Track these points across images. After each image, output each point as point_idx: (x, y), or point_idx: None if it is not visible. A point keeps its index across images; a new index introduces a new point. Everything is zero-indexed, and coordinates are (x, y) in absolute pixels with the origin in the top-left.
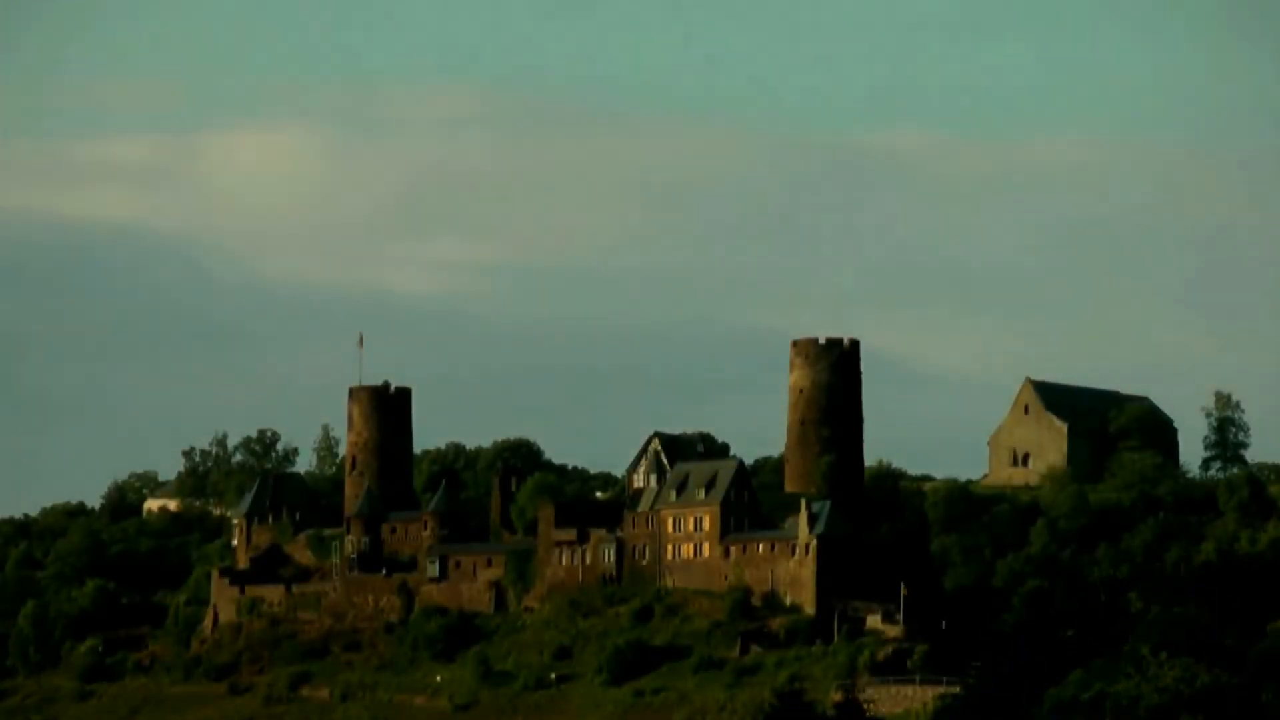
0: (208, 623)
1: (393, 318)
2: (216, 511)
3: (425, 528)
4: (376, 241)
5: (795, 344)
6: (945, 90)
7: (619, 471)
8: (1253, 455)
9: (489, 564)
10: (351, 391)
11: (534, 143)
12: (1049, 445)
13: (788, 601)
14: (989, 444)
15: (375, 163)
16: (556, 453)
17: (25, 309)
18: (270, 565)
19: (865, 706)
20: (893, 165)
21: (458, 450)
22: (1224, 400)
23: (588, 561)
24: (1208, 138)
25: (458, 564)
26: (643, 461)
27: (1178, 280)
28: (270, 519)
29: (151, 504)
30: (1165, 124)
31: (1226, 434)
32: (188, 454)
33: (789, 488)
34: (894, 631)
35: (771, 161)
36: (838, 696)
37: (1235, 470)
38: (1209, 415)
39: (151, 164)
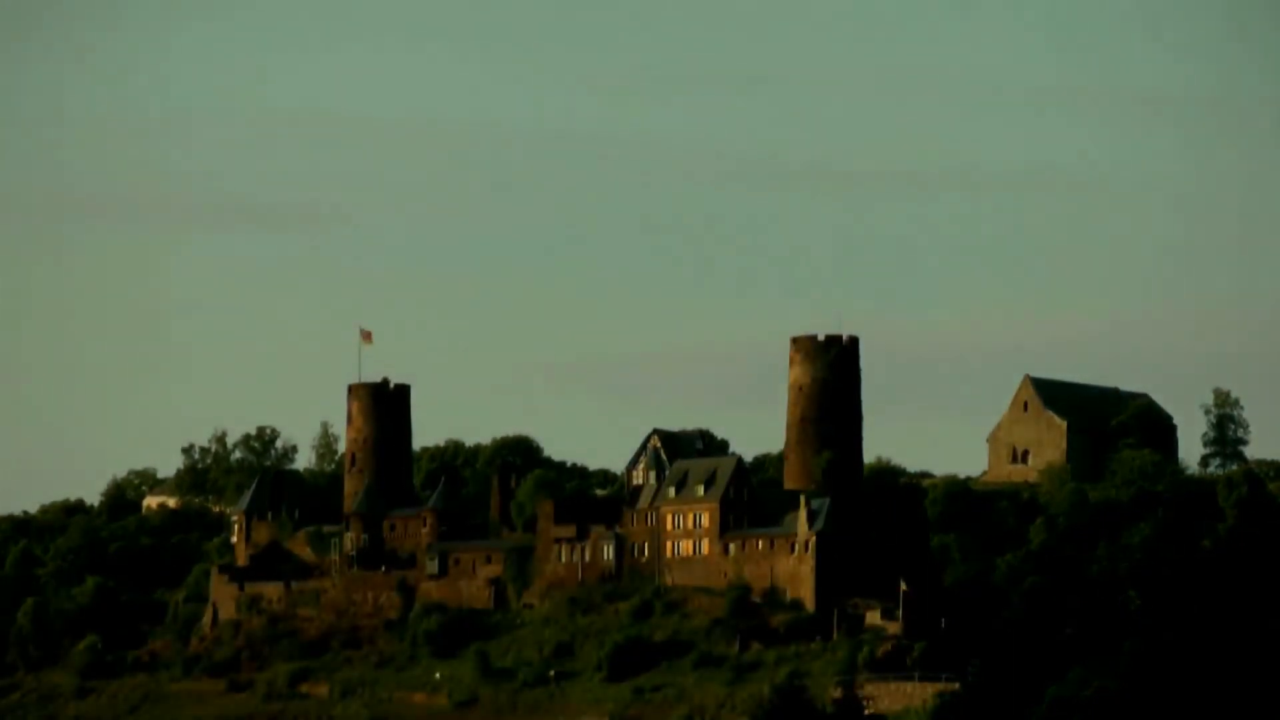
0: (207, 620)
1: None
2: (216, 508)
3: (424, 524)
4: None
5: (795, 341)
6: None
7: (618, 468)
8: (1252, 452)
9: (488, 561)
10: (351, 388)
11: None
12: (1048, 442)
13: (787, 598)
14: (988, 441)
15: None
16: (556, 449)
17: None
18: (270, 562)
19: (864, 703)
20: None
21: (457, 447)
22: (1223, 397)
23: (587, 558)
24: (1208, 138)
25: (457, 561)
26: (642, 458)
27: (1178, 277)
28: (270, 516)
29: (151, 501)
30: (1165, 122)
31: (1226, 431)
32: (187, 451)
33: (788, 485)
34: (893, 628)
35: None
36: (837, 693)
37: (1234, 467)
38: (1208, 412)
39: None
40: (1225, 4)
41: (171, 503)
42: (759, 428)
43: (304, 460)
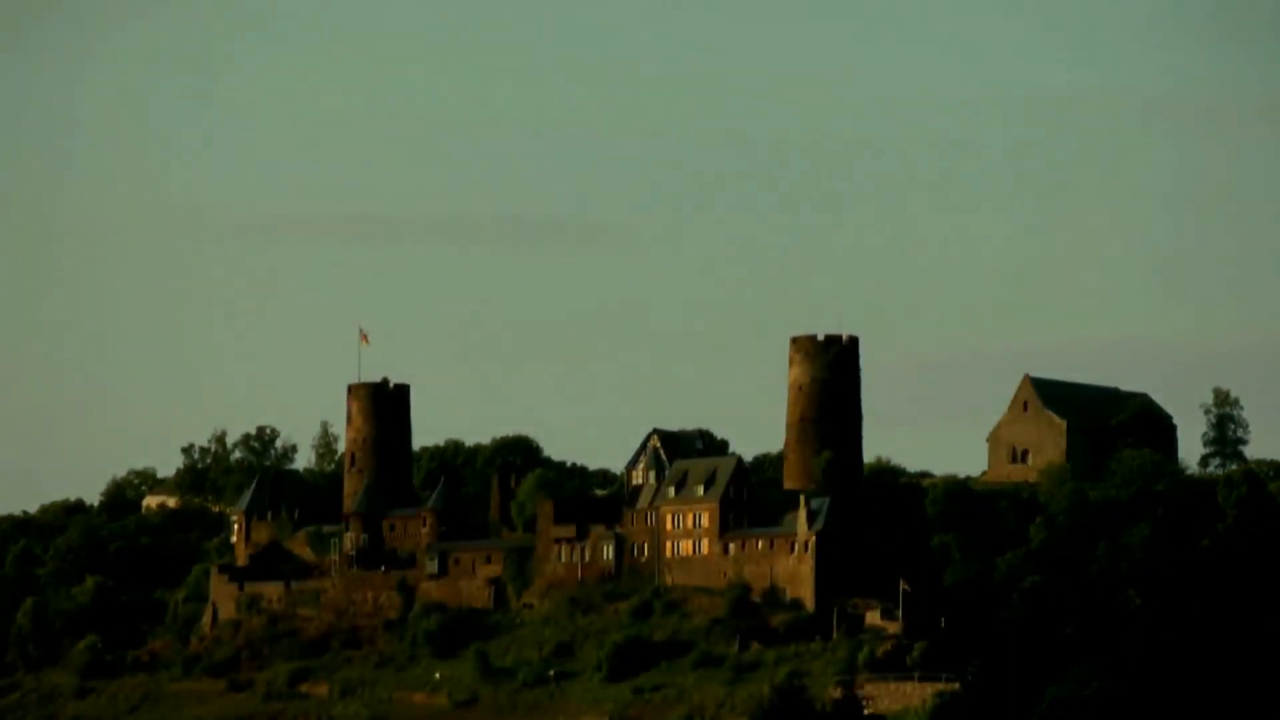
0: (207, 619)
1: None
2: (216, 508)
3: (424, 524)
4: None
5: (795, 340)
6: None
7: (618, 468)
8: (1252, 452)
9: (488, 560)
10: (350, 388)
11: None
12: (1048, 442)
13: (787, 598)
14: (988, 441)
15: None
16: (555, 449)
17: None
18: (269, 562)
19: (864, 703)
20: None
21: (457, 447)
22: (1223, 397)
23: (587, 558)
24: (1209, 138)
25: (457, 560)
26: (642, 458)
27: (1178, 276)
28: (269, 516)
29: (151, 501)
30: (1165, 122)
31: (1225, 431)
32: (187, 451)
33: (788, 484)
34: (893, 628)
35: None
36: (837, 693)
37: (1234, 467)
38: (1208, 412)
39: None
40: (1225, 5)
41: (171, 502)
42: (759, 428)
43: (304, 460)
